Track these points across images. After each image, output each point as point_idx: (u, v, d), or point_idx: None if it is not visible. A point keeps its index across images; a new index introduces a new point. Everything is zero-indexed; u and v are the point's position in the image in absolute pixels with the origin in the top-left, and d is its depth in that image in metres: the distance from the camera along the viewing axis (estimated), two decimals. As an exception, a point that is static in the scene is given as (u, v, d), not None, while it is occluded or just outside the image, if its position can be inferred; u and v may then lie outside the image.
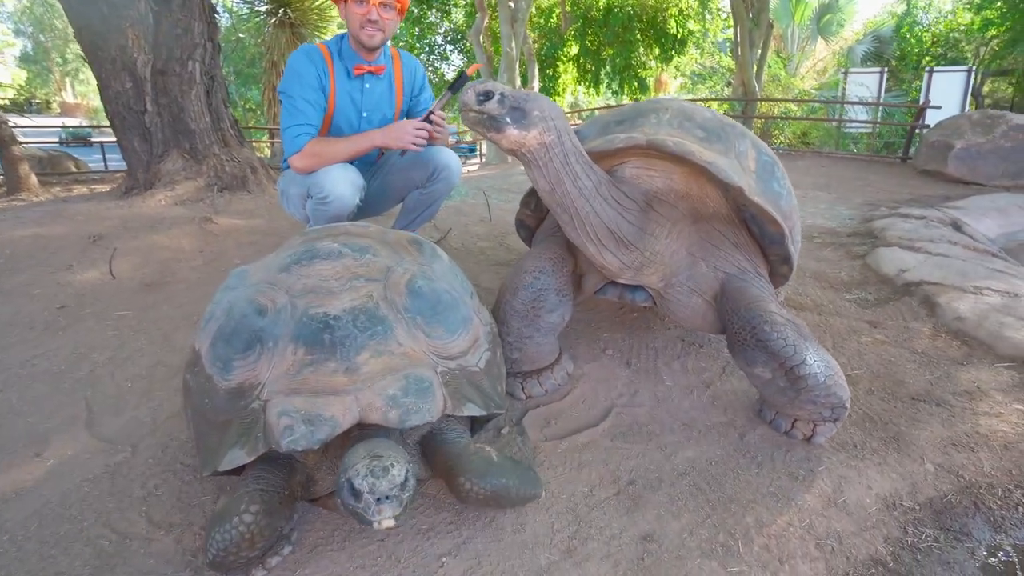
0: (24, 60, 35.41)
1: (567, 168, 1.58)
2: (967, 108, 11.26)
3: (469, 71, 2.37)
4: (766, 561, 1.40)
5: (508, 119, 1.45)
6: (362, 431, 1.24)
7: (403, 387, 1.24)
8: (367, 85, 2.51)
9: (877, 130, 12.20)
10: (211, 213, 3.66)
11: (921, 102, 9.95)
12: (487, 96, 1.44)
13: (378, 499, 1.08)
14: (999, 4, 15.82)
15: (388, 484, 1.09)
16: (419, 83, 2.67)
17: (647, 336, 2.45)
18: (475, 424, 1.61)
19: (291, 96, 2.35)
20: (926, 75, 11.94)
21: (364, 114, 2.54)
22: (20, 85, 34.07)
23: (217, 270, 2.92)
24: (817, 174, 7.41)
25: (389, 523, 1.10)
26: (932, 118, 8.77)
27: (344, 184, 2.27)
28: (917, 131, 9.01)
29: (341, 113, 2.48)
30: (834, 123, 12.27)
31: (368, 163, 2.68)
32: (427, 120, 2.35)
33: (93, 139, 16.02)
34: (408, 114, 2.68)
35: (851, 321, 2.72)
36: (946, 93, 10.95)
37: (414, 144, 2.31)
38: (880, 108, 12.15)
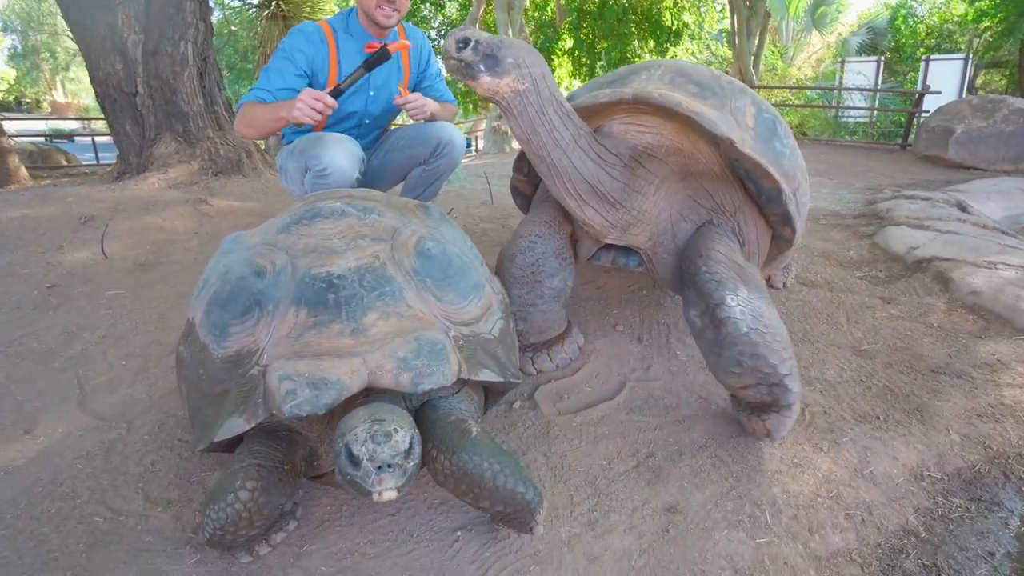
0: (13, 58, 34.91)
1: (543, 118, 1.53)
2: (963, 95, 11.23)
3: (391, 48, 2.16)
4: (795, 532, 1.34)
5: (481, 66, 1.42)
6: (368, 398, 1.14)
7: (415, 349, 1.14)
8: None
9: (875, 118, 12.16)
10: (206, 195, 3.57)
11: (919, 89, 9.93)
12: (464, 43, 1.41)
13: (379, 467, 0.97)
14: (994, -6, 15.81)
15: (390, 451, 0.98)
16: (425, 57, 2.59)
17: (658, 312, 2.38)
18: (488, 399, 1.51)
19: (269, 66, 2.30)
20: (923, 63, 11.92)
21: (371, 92, 2.46)
22: (9, 84, 33.66)
23: (212, 251, 2.81)
24: (817, 161, 7.36)
25: (390, 495, 0.99)
26: (930, 105, 8.76)
27: (343, 156, 2.20)
28: (916, 118, 8.98)
29: (347, 92, 2.40)
30: (832, 111, 12.23)
31: (372, 139, 2.61)
32: (334, 94, 2.12)
33: (77, 135, 16.12)
34: (416, 88, 2.61)
35: (864, 297, 2.67)
36: (943, 81, 10.93)
37: (307, 117, 2.03)
38: (878, 96, 12.12)
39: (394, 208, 1.49)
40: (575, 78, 20.28)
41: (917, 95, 8.82)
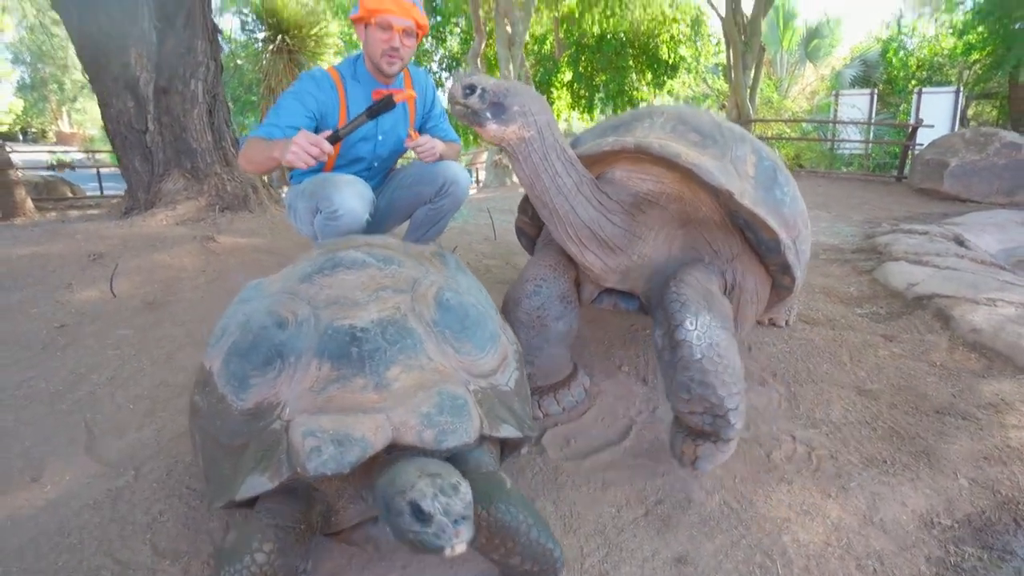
0: (21, 89, 35.47)
1: (546, 164, 1.57)
2: (956, 128, 11.42)
3: (397, 98, 2.16)
4: (807, 583, 1.33)
5: (488, 114, 1.45)
6: (389, 455, 1.14)
7: (437, 404, 1.14)
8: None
9: (870, 150, 12.35)
10: (213, 232, 3.60)
11: (912, 122, 10.10)
12: (471, 90, 1.44)
13: (454, 521, 0.97)
14: (980, 30, 16.20)
15: (462, 503, 0.98)
16: (430, 98, 2.65)
17: (662, 352, 2.39)
18: (504, 451, 1.50)
19: (278, 105, 2.33)
20: (915, 96, 12.15)
21: (380, 137, 2.51)
22: (16, 114, 34.13)
23: (220, 288, 2.86)
24: (815, 193, 7.45)
25: (462, 547, 0.97)
26: (924, 138, 8.90)
27: (355, 198, 2.23)
28: (910, 150, 9.12)
29: (356, 136, 2.44)
30: (827, 143, 12.42)
31: (380, 179, 2.66)
32: (332, 140, 2.10)
33: (80, 166, 16.47)
34: (421, 129, 2.67)
35: (865, 335, 2.68)
36: (935, 113, 11.14)
37: (300, 161, 1.99)
38: (872, 128, 12.32)
39: (412, 258, 1.51)
40: (574, 109, 20.64)
41: (911, 128, 8.97)
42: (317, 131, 2.29)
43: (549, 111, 1.58)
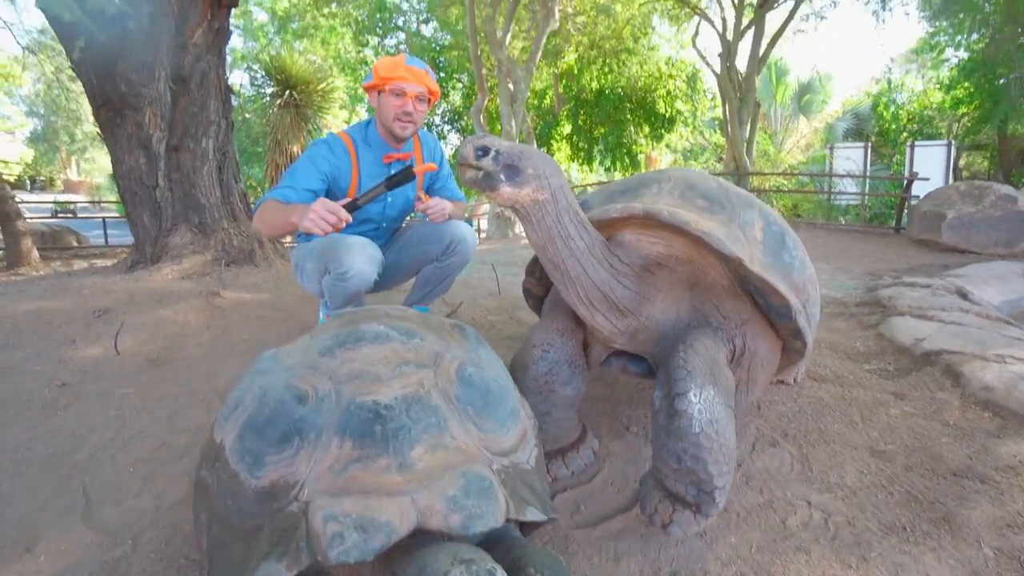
0: (33, 140, 36.43)
1: (559, 227, 1.56)
2: (950, 180, 11.64)
3: (417, 171, 2.15)
4: (833, 666, 1.27)
5: (502, 176, 1.44)
6: (412, 539, 1.08)
7: (463, 487, 1.10)
8: (392, 171, 2.52)
9: (866, 202, 12.55)
10: (218, 287, 3.62)
11: (906, 175, 10.29)
12: (484, 152, 1.44)
13: None
14: (966, 84, 16.75)
15: None
16: (439, 159, 2.71)
17: (670, 412, 2.36)
18: (523, 528, 1.44)
19: (293, 168, 2.37)
20: (908, 149, 12.42)
21: (389, 199, 2.55)
22: (27, 163, 34.95)
23: (225, 345, 2.85)
24: (814, 245, 7.52)
25: None
26: (918, 190, 9.06)
27: (364, 260, 2.25)
28: (907, 202, 9.26)
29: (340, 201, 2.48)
30: (824, 195, 12.64)
31: (387, 238, 2.68)
32: (350, 208, 2.09)
33: (85, 216, 17.02)
34: (429, 189, 2.71)
35: (875, 393, 2.65)
36: (928, 165, 11.37)
37: (318, 229, 1.98)
38: (867, 180, 12.55)
39: (433, 330, 1.48)
40: (573, 161, 21.09)
41: (906, 181, 9.14)
42: (329, 193, 2.32)
43: (561, 173, 1.59)
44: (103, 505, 1.75)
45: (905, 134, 19.28)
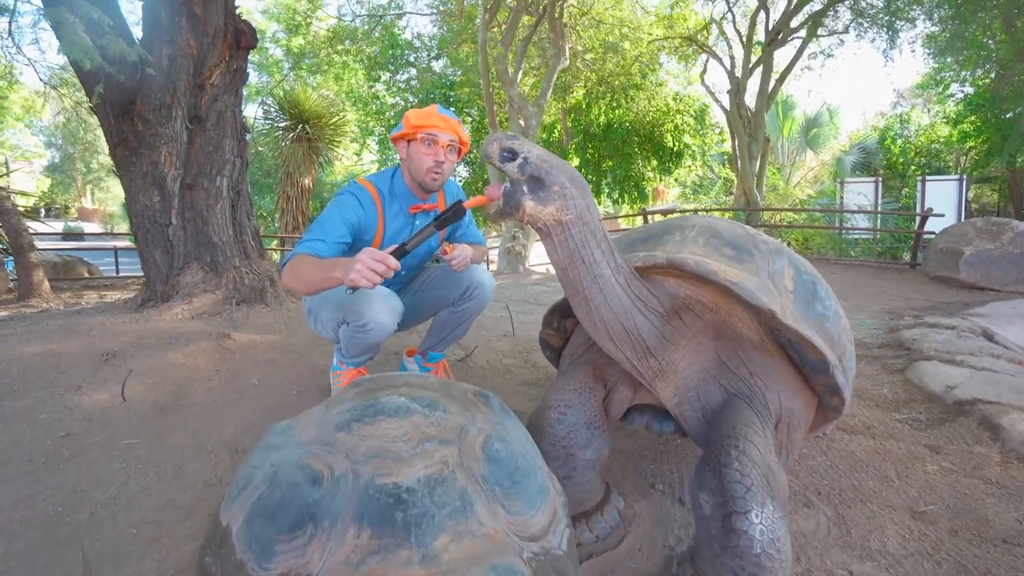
0: (50, 170, 37.21)
1: (585, 250, 1.45)
2: (963, 215, 11.57)
3: (467, 204, 1.94)
4: None
5: (525, 188, 1.35)
6: None
7: None
8: (417, 222, 2.48)
9: (878, 237, 12.49)
10: (229, 328, 3.56)
11: (917, 210, 10.25)
12: (511, 155, 1.34)
13: None
14: (973, 119, 16.83)
15: None
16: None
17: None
18: None
19: (322, 218, 2.26)
20: (919, 183, 12.40)
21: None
22: (43, 192, 35.67)
23: (234, 391, 2.77)
24: (830, 281, 7.36)
25: None
26: (931, 224, 8.99)
27: (385, 311, 2.18)
28: (921, 238, 9.19)
29: (387, 248, 2.42)
30: (839, 231, 12.59)
31: (404, 285, 2.62)
32: (398, 253, 1.94)
33: (96, 247, 17.60)
34: (451, 236, 2.67)
35: (909, 446, 2.54)
36: (939, 200, 11.32)
37: (367, 280, 1.83)
38: (879, 216, 12.51)
39: (455, 400, 1.39)
40: (582, 193, 21.17)
41: (921, 217, 9.08)
42: (353, 247, 2.25)
43: (589, 193, 1.48)
44: (102, 572, 1.65)
45: (913, 167, 19.31)
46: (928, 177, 12.57)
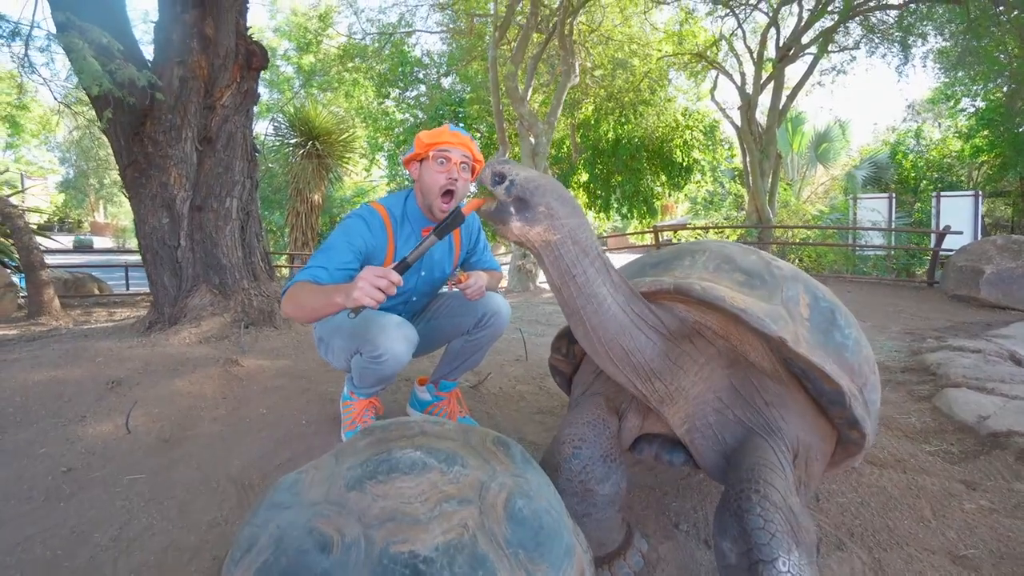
0: (64, 186, 37.79)
1: (578, 269, 1.42)
2: (979, 231, 11.40)
3: (466, 209, 1.86)
4: None
5: (512, 208, 1.34)
6: None
7: None
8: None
9: (893, 253, 12.34)
10: (237, 353, 3.50)
11: (932, 226, 10.10)
12: (500, 179, 1.34)
13: None
14: (985, 133, 16.70)
15: None
16: (475, 233, 2.59)
17: (723, 506, 2.14)
18: None
19: (326, 244, 2.17)
20: (934, 199, 12.25)
21: (423, 273, 2.42)
22: (56, 207, 36.25)
23: (241, 420, 2.70)
24: (845, 300, 7.24)
25: None
26: (946, 241, 8.85)
27: (400, 341, 2.10)
28: (938, 255, 9.05)
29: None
30: (853, 248, 12.44)
31: (416, 312, 2.56)
32: (400, 268, 1.84)
33: (101, 251, 18.16)
34: (465, 261, 2.60)
35: (943, 481, 2.42)
36: (954, 216, 11.17)
37: (370, 299, 1.73)
38: (894, 233, 12.37)
39: (474, 451, 1.30)
40: (590, 209, 21.16)
41: (938, 234, 8.93)
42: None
43: (579, 213, 1.45)
44: (101, 625, 1.57)
45: (925, 182, 19.16)
46: (943, 193, 12.41)
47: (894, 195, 13.64)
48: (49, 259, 7.44)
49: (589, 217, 23.85)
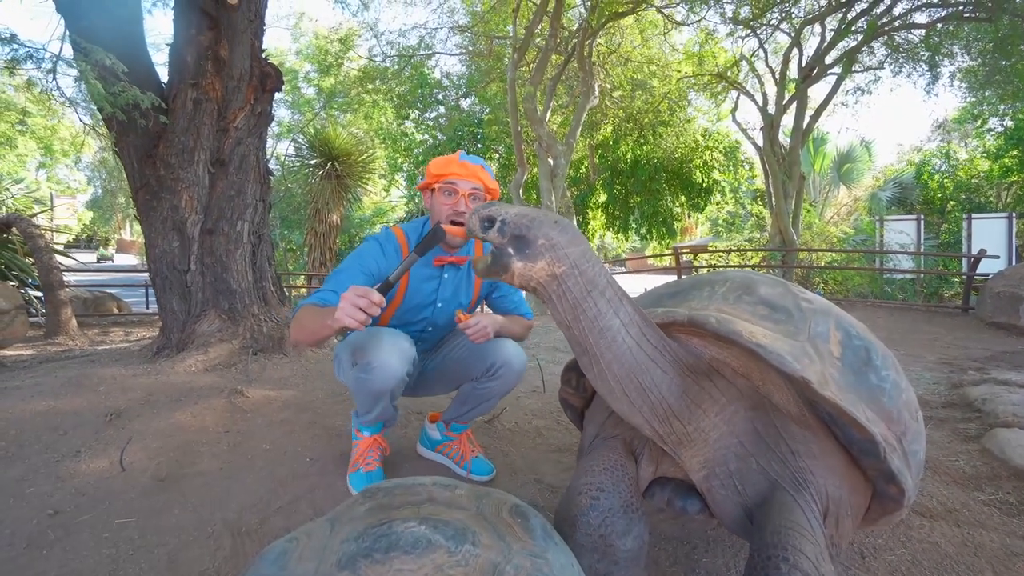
0: (92, 204, 38.88)
1: (588, 302, 1.32)
2: (1014, 255, 11.00)
3: (449, 229, 1.88)
4: None
5: (510, 249, 1.26)
6: None
7: None
8: (446, 275, 2.30)
9: (923, 278, 11.97)
10: (243, 383, 3.38)
11: (964, 249, 9.76)
12: (490, 222, 1.26)
13: None
14: (1015, 152, 16.30)
15: None
16: None
17: (760, 565, 1.94)
18: None
19: (339, 268, 2.15)
20: (964, 222, 11.88)
21: (439, 304, 2.31)
22: (84, 224, 37.29)
23: (243, 456, 2.56)
24: (875, 327, 7.00)
25: None
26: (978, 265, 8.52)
27: (392, 352, 1.97)
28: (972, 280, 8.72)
29: (412, 302, 2.25)
30: (881, 271, 12.08)
31: (433, 343, 2.42)
32: (383, 289, 1.78)
33: (121, 270, 18.53)
34: (488, 297, 2.47)
35: (1002, 537, 2.19)
36: (986, 239, 10.81)
37: (351, 319, 1.65)
38: (923, 256, 12.01)
39: (488, 523, 1.14)
40: (608, 230, 21.03)
41: (973, 258, 8.60)
42: None
43: (582, 240, 1.34)
44: None
45: (952, 203, 18.71)
46: (974, 215, 12.02)
47: (922, 216, 13.25)
48: (71, 277, 7.47)
49: (608, 238, 23.71)
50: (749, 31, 13.73)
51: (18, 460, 2.43)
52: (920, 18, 11.79)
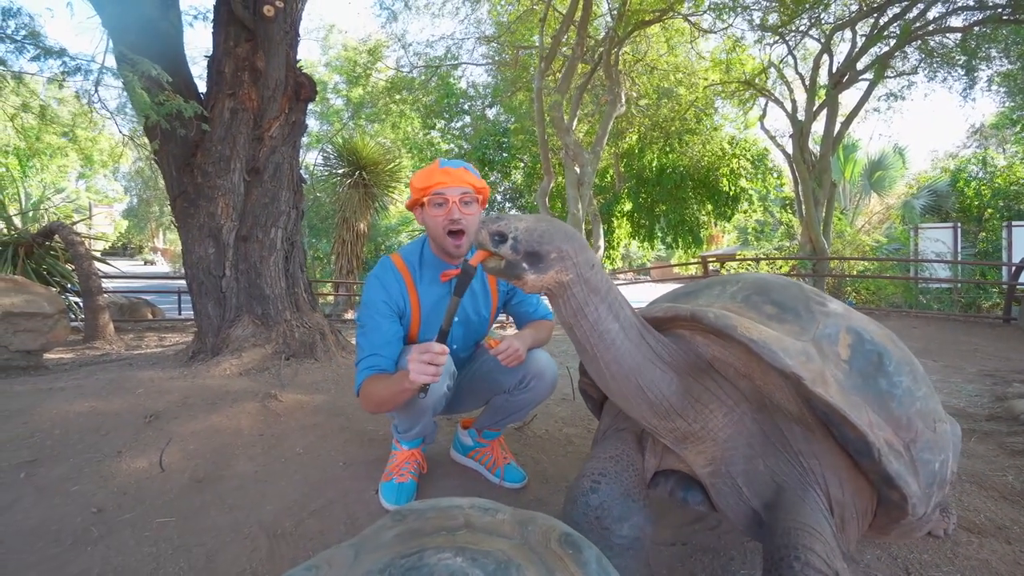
0: (128, 213, 40.08)
1: (589, 306, 1.40)
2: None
3: (473, 260, 1.66)
4: None
5: (524, 265, 1.32)
6: None
7: None
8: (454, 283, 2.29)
9: (960, 287, 11.61)
10: (276, 387, 3.43)
11: (1004, 258, 9.45)
12: (502, 238, 1.30)
13: None
14: (1055, 158, 15.77)
15: None
16: None
17: None
18: None
19: (363, 325, 2.13)
20: (1004, 230, 11.51)
21: (456, 319, 2.27)
22: (120, 232, 38.46)
23: (277, 460, 2.60)
24: (912, 337, 6.82)
25: None
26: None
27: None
28: (1014, 289, 8.43)
29: (428, 324, 2.20)
30: (916, 280, 11.75)
31: (459, 361, 2.41)
32: (441, 338, 1.74)
33: (160, 277, 19.11)
34: (506, 305, 2.42)
35: (1056, 556, 2.09)
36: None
37: (425, 376, 1.71)
38: (960, 265, 11.65)
39: (534, 554, 0.98)
40: (634, 238, 20.90)
41: (1015, 268, 8.31)
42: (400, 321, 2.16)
43: (587, 248, 1.41)
44: None
45: (989, 211, 18.14)
46: (1015, 223, 11.62)
47: (959, 224, 12.87)
48: (109, 284, 7.67)
49: (633, 247, 23.55)
50: (778, 38, 13.58)
51: (63, 459, 2.50)
52: (956, 22, 11.52)
